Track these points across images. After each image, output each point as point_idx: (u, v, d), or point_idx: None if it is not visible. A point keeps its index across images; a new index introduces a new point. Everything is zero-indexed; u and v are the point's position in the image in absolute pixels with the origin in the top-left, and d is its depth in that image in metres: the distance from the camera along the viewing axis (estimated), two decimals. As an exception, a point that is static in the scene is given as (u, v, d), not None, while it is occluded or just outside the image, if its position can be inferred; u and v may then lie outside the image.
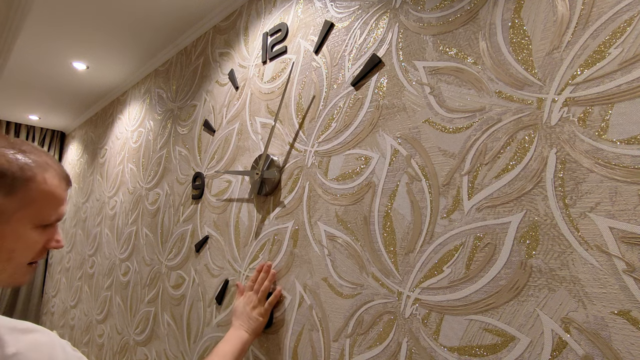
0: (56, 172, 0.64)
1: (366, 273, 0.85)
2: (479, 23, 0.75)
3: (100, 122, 2.75)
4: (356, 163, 0.92)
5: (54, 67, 2.15)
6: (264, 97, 1.27)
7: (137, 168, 2.05)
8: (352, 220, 0.90)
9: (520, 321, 0.61)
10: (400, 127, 0.85)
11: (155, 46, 1.91)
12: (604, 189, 0.56)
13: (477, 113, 0.72)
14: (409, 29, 0.88)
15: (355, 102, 0.96)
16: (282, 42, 1.25)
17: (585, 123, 0.59)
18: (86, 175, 2.80)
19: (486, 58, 0.73)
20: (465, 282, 0.68)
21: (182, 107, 1.75)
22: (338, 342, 0.87)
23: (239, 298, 1.06)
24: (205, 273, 1.34)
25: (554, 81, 0.63)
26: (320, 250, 0.96)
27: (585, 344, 0.54)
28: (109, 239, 2.19)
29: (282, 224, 1.09)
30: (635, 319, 0.51)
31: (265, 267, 1.06)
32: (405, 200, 0.80)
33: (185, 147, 1.65)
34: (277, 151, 1.16)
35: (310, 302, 0.95)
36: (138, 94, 2.25)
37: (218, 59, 1.57)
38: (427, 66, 0.82)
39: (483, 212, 0.68)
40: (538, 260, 0.60)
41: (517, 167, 0.65)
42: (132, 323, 1.75)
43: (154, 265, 1.68)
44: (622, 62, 0.57)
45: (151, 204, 1.82)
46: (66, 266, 2.82)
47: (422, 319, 0.73)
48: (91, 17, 1.66)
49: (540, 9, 0.67)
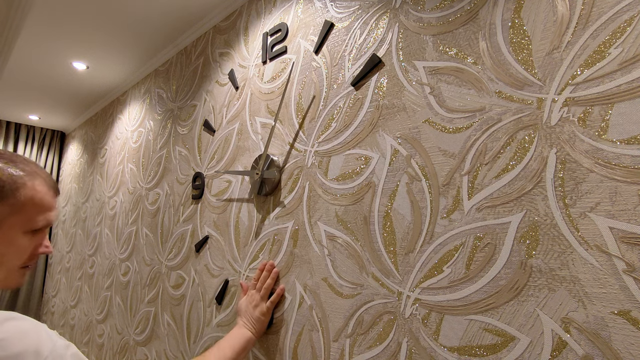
0: (44, 181, 0.68)
1: (366, 273, 0.85)
2: (479, 23, 0.75)
3: (100, 122, 2.75)
4: (356, 163, 0.92)
5: (54, 67, 2.15)
6: (264, 97, 1.27)
7: (137, 168, 2.05)
8: (352, 220, 0.90)
9: (520, 321, 0.61)
10: (400, 127, 0.85)
11: (155, 46, 1.91)
12: (604, 189, 0.56)
13: (477, 113, 0.72)
14: (409, 29, 0.88)
15: (355, 102, 0.96)
16: (282, 42, 1.25)
17: (585, 123, 0.59)
18: (86, 175, 2.80)
19: (486, 58, 0.73)
20: (465, 282, 0.68)
21: (182, 107, 1.76)
22: (338, 342, 0.87)
23: (243, 297, 1.06)
24: (205, 273, 1.34)
25: (554, 81, 0.63)
26: (320, 250, 0.96)
27: (585, 344, 0.54)
28: (109, 239, 2.19)
29: (282, 224, 1.09)
30: (635, 319, 0.51)
31: (267, 265, 1.06)
32: (405, 200, 0.80)
33: (185, 147, 1.65)
34: (277, 151, 1.16)
35: (310, 302, 0.95)
36: (138, 94, 2.25)
37: (218, 59, 1.57)
38: (427, 66, 0.82)
39: (483, 212, 0.68)
40: (538, 260, 0.60)
41: (517, 167, 0.65)
42: (132, 323, 1.75)
43: (154, 265, 1.68)
44: (622, 62, 0.57)
45: (151, 204, 1.82)
46: (66, 266, 2.82)
47: (422, 319, 0.73)
48: (91, 17, 1.66)
49: (540, 9, 0.67)
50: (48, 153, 3.42)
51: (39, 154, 3.38)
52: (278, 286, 1.04)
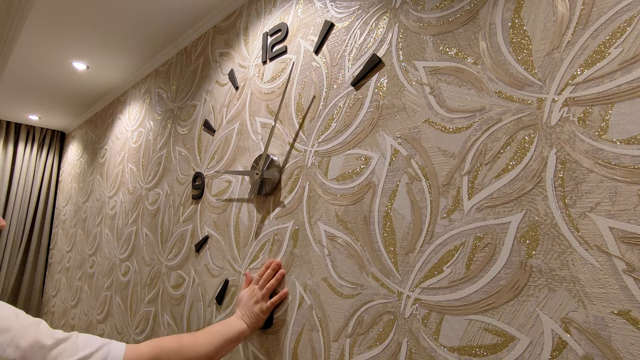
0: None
1: (366, 273, 0.85)
2: (479, 23, 0.75)
3: (100, 122, 2.75)
4: (356, 163, 0.92)
5: (54, 67, 2.15)
6: (264, 97, 1.27)
7: (137, 168, 2.05)
8: (352, 220, 0.90)
9: (520, 321, 0.61)
10: (400, 127, 0.85)
11: (155, 46, 1.91)
12: (604, 189, 0.56)
13: (477, 113, 0.72)
14: (409, 29, 0.88)
15: (355, 102, 0.96)
16: (282, 42, 1.25)
17: (585, 123, 0.59)
18: (86, 175, 2.80)
19: (486, 58, 0.73)
20: (465, 282, 0.68)
21: (182, 107, 1.76)
22: (338, 342, 0.87)
23: (245, 288, 1.06)
24: (205, 273, 1.34)
25: (554, 81, 0.63)
26: (320, 250, 0.96)
27: (585, 344, 0.54)
28: (109, 239, 2.20)
29: (282, 224, 1.09)
30: (635, 319, 0.51)
31: (273, 264, 1.05)
32: (405, 200, 0.80)
33: (185, 147, 1.65)
34: (277, 151, 1.16)
35: (310, 302, 0.95)
36: (138, 94, 2.25)
37: (218, 59, 1.57)
38: (427, 66, 0.82)
39: (483, 212, 0.68)
40: (538, 260, 0.60)
41: (517, 167, 0.65)
42: (132, 323, 1.75)
43: (154, 265, 1.68)
44: (622, 62, 0.57)
45: (151, 204, 1.82)
46: (66, 266, 2.82)
47: (422, 319, 0.73)
48: (91, 17, 1.66)
49: (540, 9, 0.67)
50: (48, 153, 3.42)
51: (39, 154, 3.38)
52: (282, 287, 1.04)
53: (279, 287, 1.05)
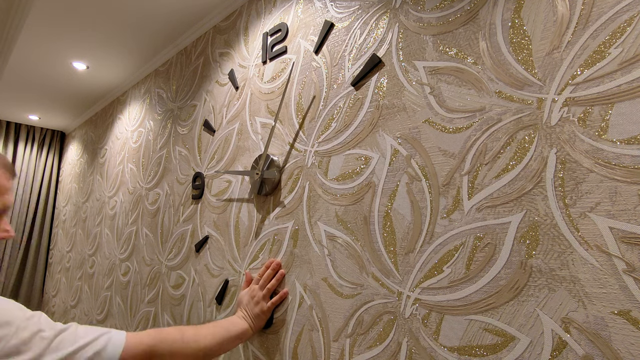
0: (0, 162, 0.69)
1: (366, 273, 0.85)
2: (479, 23, 0.75)
3: (100, 122, 2.75)
4: (356, 163, 0.92)
5: (54, 67, 2.15)
6: (264, 97, 1.27)
7: (137, 168, 2.05)
8: (352, 220, 0.90)
9: (520, 321, 0.61)
10: (400, 127, 0.85)
11: (155, 46, 1.91)
12: (604, 189, 0.56)
13: (477, 113, 0.72)
14: (409, 29, 0.88)
15: (355, 102, 0.96)
16: (282, 42, 1.25)
17: (585, 123, 0.59)
18: (86, 175, 2.80)
19: (486, 58, 0.73)
20: (465, 282, 0.68)
21: (182, 107, 1.76)
22: (338, 342, 0.87)
23: (245, 288, 1.06)
24: (205, 273, 1.34)
25: (554, 81, 0.63)
26: (320, 250, 0.96)
27: (585, 344, 0.54)
28: (109, 239, 2.20)
29: (282, 224, 1.09)
30: (635, 319, 0.51)
31: (274, 264, 1.05)
32: (405, 200, 0.80)
33: (185, 147, 1.65)
34: (277, 151, 1.16)
35: (310, 302, 0.95)
36: (138, 94, 2.25)
37: (218, 59, 1.57)
38: (427, 66, 0.82)
39: (483, 212, 0.68)
40: (538, 260, 0.60)
41: (517, 167, 0.65)
42: (132, 323, 1.75)
43: (154, 265, 1.68)
44: (622, 62, 0.57)
45: (151, 204, 1.82)
46: (66, 266, 2.82)
47: (422, 319, 0.73)
48: (91, 17, 1.66)
49: (540, 9, 0.67)
50: (48, 153, 3.42)
51: (39, 154, 3.38)
52: (282, 287, 1.04)
53: (279, 287, 1.05)
